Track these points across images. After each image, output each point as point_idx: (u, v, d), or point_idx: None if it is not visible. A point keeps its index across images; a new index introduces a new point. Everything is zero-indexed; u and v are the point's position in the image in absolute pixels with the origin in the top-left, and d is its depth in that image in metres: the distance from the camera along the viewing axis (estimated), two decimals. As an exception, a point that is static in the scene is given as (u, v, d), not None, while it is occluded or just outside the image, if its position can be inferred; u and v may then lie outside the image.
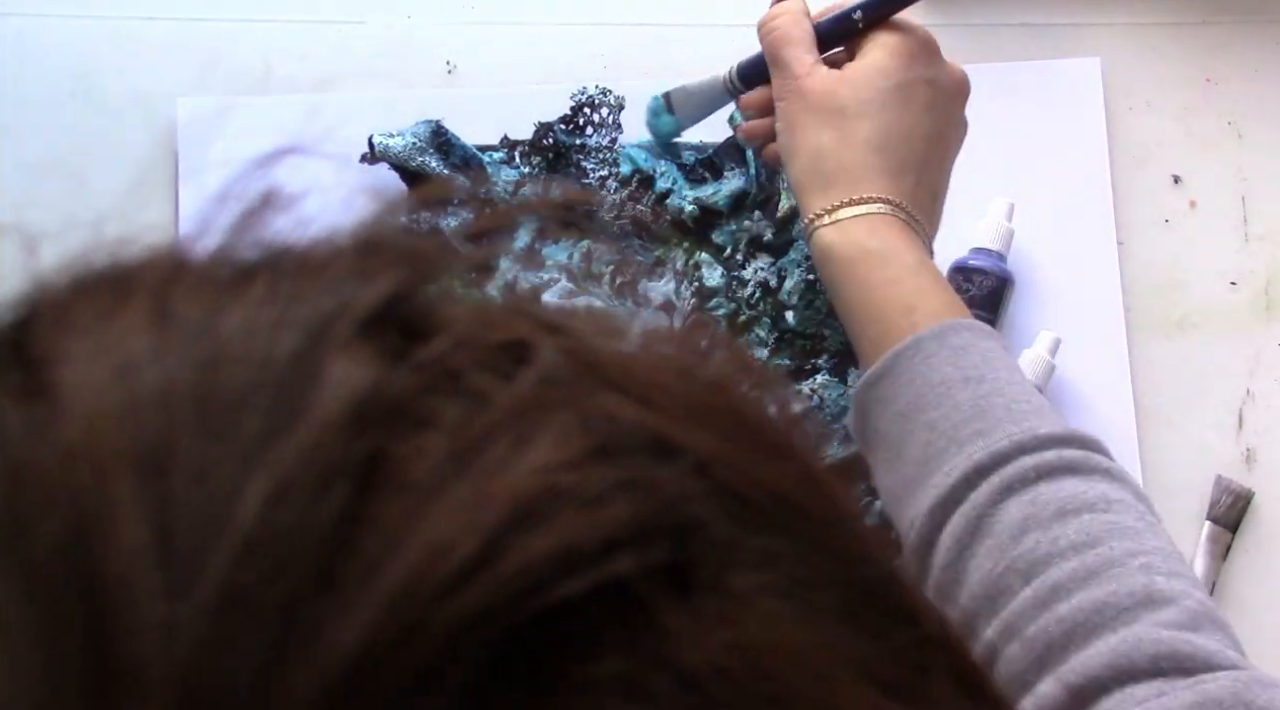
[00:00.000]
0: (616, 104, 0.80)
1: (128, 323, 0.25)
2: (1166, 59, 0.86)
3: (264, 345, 0.24)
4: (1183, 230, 0.84)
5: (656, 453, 0.25)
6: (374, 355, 0.24)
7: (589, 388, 0.25)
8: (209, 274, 0.26)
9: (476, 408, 0.24)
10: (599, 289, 0.80)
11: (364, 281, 0.26)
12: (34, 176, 0.83)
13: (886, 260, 0.62)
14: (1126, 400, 0.81)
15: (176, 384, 0.24)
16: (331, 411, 0.23)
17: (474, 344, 0.25)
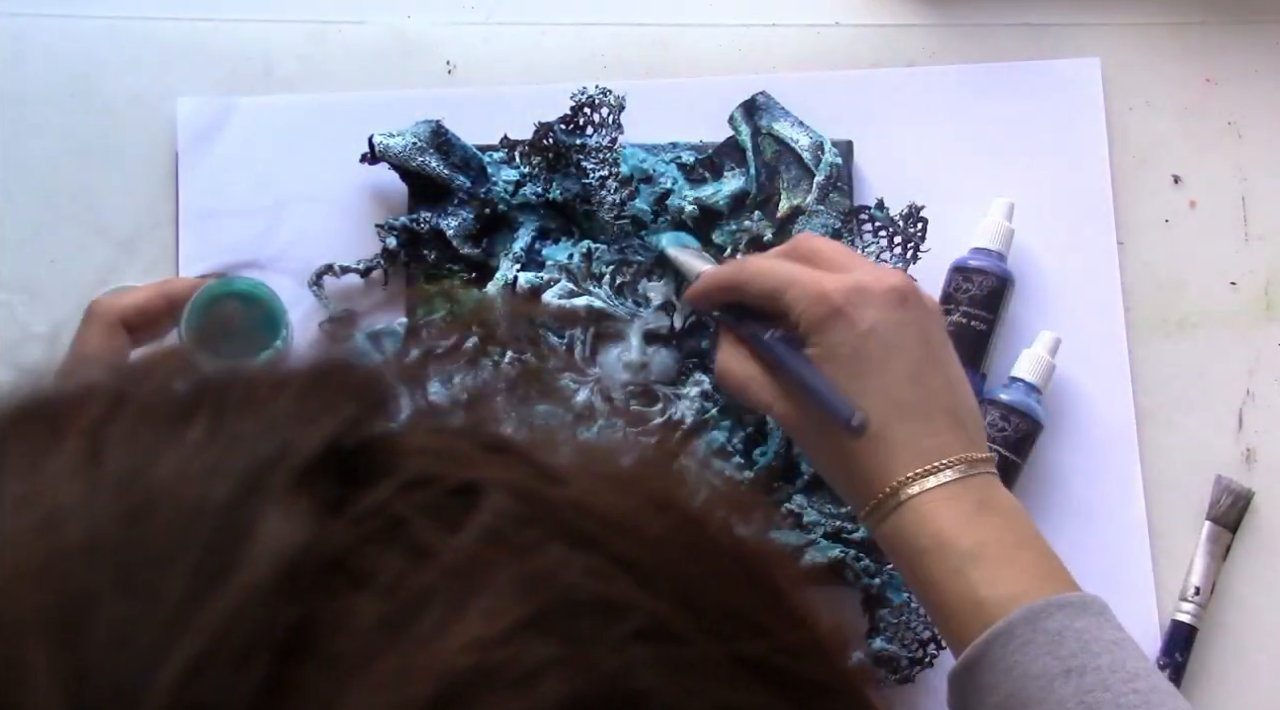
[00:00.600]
0: (616, 104, 0.80)
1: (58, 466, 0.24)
2: (1166, 59, 0.86)
3: (196, 495, 0.23)
4: (1183, 230, 0.84)
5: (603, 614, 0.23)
6: (311, 506, 0.23)
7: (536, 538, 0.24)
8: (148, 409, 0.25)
9: (415, 564, 0.23)
10: (599, 289, 0.80)
11: (306, 423, 0.25)
12: (34, 176, 0.83)
13: (942, 554, 0.58)
14: (1126, 400, 0.81)
15: (102, 537, 0.23)
16: (259, 574, 0.22)
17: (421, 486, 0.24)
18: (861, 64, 0.85)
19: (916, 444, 0.60)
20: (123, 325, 0.64)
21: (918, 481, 0.60)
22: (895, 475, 0.60)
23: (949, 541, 0.58)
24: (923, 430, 0.61)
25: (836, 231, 0.80)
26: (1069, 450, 0.80)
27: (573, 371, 0.79)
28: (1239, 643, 0.79)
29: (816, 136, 0.82)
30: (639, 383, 0.79)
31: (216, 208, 0.82)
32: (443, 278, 0.80)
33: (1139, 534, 0.79)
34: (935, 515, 0.59)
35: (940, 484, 0.59)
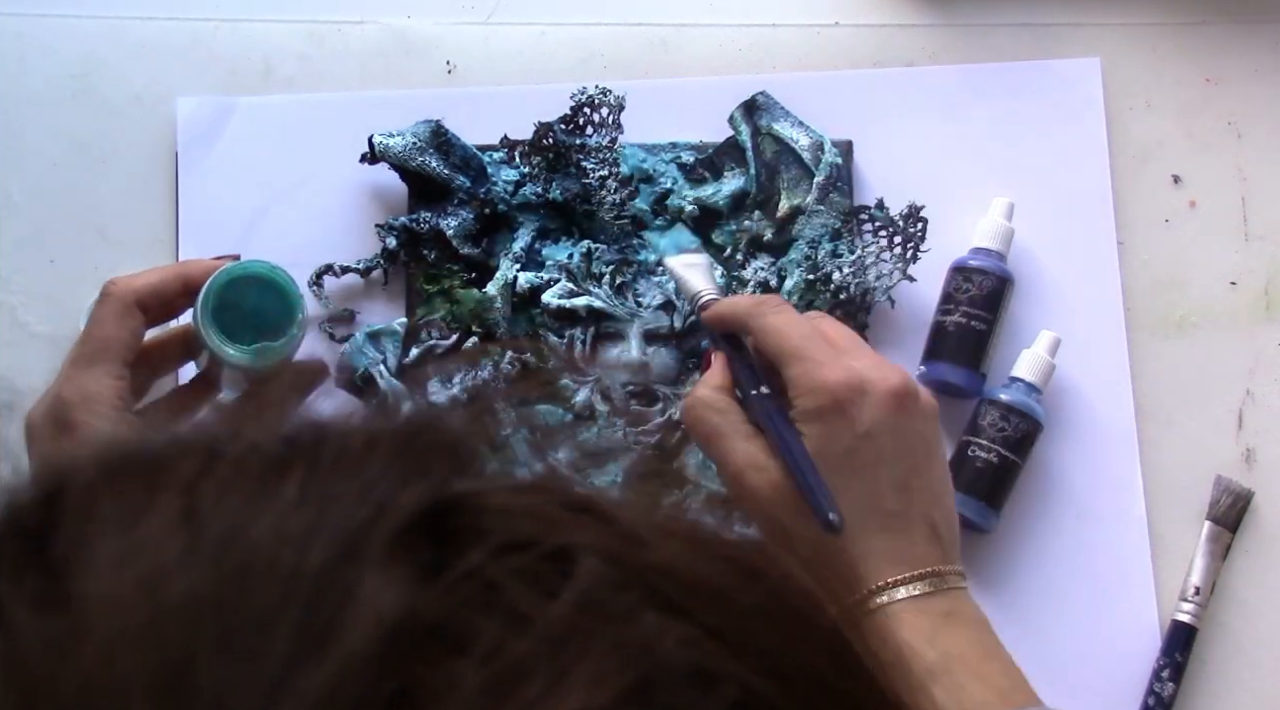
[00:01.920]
0: (616, 104, 0.80)
1: (155, 525, 0.24)
2: (1166, 59, 0.86)
3: (295, 556, 0.23)
4: (1183, 230, 0.84)
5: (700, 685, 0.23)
6: (409, 572, 0.23)
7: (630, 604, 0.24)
8: (242, 467, 0.25)
9: (514, 631, 0.23)
10: (599, 289, 0.80)
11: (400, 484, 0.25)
12: (34, 176, 0.83)
13: (905, 669, 0.57)
14: (1126, 400, 0.81)
15: (202, 597, 0.23)
16: (361, 641, 0.22)
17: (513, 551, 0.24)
18: (861, 64, 0.85)
19: (891, 553, 0.59)
20: (138, 306, 0.64)
21: (887, 591, 0.58)
22: (866, 583, 0.59)
23: (911, 656, 0.57)
24: (900, 540, 0.59)
25: (836, 231, 0.80)
26: (1069, 450, 0.80)
27: (573, 371, 0.79)
28: (1239, 643, 0.79)
29: (816, 136, 0.82)
30: (639, 383, 0.79)
31: (216, 208, 0.82)
32: (443, 278, 0.80)
33: (1139, 534, 0.79)
34: (900, 627, 0.58)
35: (909, 596, 0.58)
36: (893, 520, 0.59)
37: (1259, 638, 0.80)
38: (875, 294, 0.80)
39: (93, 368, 0.62)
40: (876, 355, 0.63)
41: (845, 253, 0.80)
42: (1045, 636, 0.78)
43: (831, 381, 0.60)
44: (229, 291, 0.65)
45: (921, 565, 0.59)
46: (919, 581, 0.58)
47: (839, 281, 0.79)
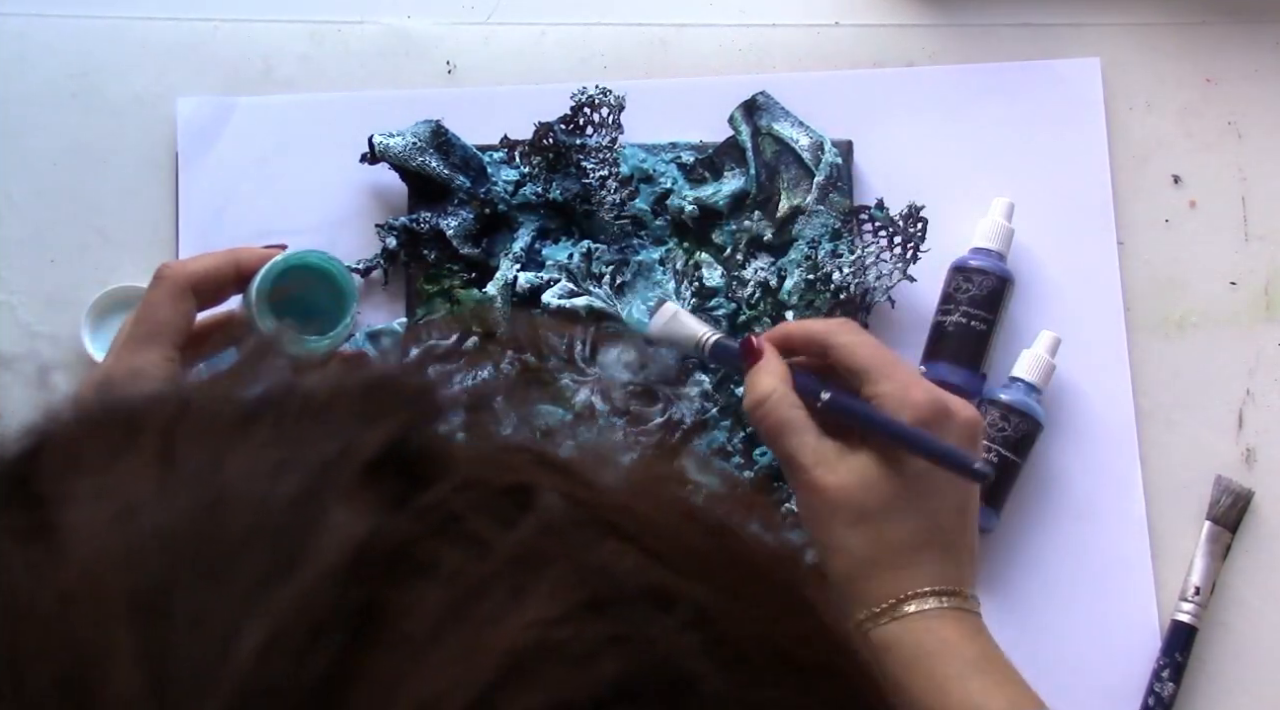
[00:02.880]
0: (616, 104, 0.80)
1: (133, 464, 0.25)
2: (1166, 59, 0.86)
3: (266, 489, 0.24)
4: (1183, 230, 0.84)
5: (653, 604, 0.25)
6: (375, 501, 0.24)
7: (588, 536, 0.25)
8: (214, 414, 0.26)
9: (476, 555, 0.24)
10: (599, 289, 0.80)
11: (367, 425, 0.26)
12: (34, 176, 0.83)
13: (947, 658, 0.60)
14: (1126, 400, 0.81)
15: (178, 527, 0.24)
16: (329, 560, 0.23)
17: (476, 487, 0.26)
18: (861, 64, 0.85)
19: (940, 569, 0.62)
20: (191, 290, 0.65)
21: (932, 597, 0.61)
22: (911, 587, 0.61)
23: (955, 648, 0.60)
24: (948, 563, 0.62)
25: (836, 231, 0.80)
26: (1069, 450, 0.80)
27: (573, 371, 0.79)
28: (1239, 643, 0.79)
29: (816, 136, 0.82)
30: (639, 383, 0.79)
31: (216, 207, 0.82)
32: (443, 278, 0.80)
33: (1139, 534, 0.79)
34: (943, 626, 0.61)
35: (951, 607, 0.62)
36: (946, 540, 0.62)
37: (1259, 638, 0.80)
38: (875, 294, 0.80)
39: (146, 349, 0.63)
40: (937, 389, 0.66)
41: (845, 253, 0.80)
42: (1045, 636, 0.78)
43: (920, 401, 0.62)
44: (282, 280, 0.65)
45: (960, 585, 0.62)
46: (954, 596, 0.62)
47: (839, 281, 0.79)
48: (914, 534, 0.62)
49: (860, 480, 0.62)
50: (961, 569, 0.63)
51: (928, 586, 0.61)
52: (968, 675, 0.60)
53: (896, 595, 0.61)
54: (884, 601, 0.62)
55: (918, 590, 0.61)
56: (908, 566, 0.62)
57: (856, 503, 0.62)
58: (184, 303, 0.64)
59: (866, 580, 0.62)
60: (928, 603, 0.61)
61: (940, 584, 0.62)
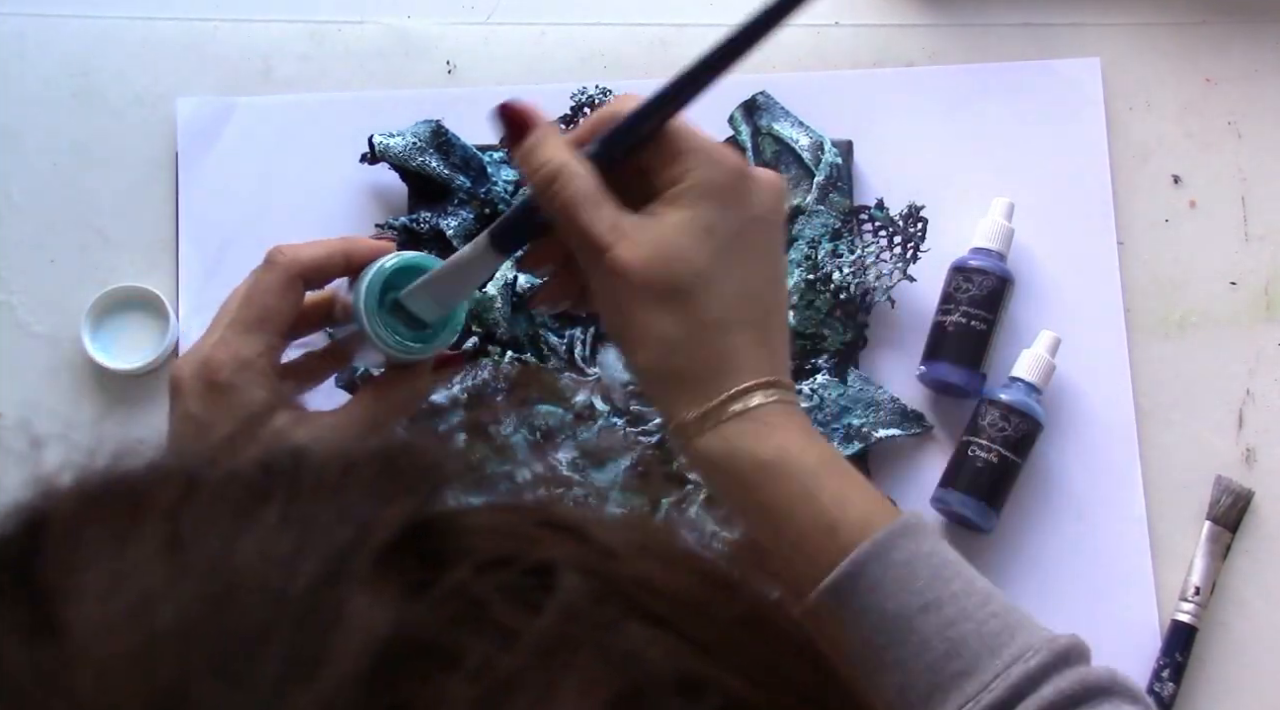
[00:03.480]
0: (616, 104, 0.80)
1: (141, 552, 0.24)
2: (1166, 59, 0.86)
3: (281, 578, 0.23)
4: (1183, 230, 0.84)
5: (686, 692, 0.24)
6: (394, 588, 0.23)
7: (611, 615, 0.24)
8: (221, 493, 0.25)
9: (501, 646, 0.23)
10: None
11: (381, 504, 0.25)
12: (34, 176, 0.83)
13: (788, 472, 0.53)
14: (1126, 400, 0.81)
15: (192, 622, 0.23)
16: (351, 660, 0.22)
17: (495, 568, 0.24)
18: (861, 64, 0.85)
19: (760, 353, 0.55)
20: (301, 278, 0.63)
21: (760, 392, 0.54)
22: (736, 379, 0.54)
23: (794, 457, 0.53)
24: (767, 341, 0.55)
25: (836, 231, 0.80)
26: (1069, 450, 0.80)
27: (573, 371, 0.79)
28: (1239, 643, 0.79)
29: (816, 136, 0.82)
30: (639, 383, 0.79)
31: (216, 208, 0.82)
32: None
33: (1139, 534, 0.79)
34: (776, 429, 0.54)
35: (779, 399, 0.54)
36: (764, 315, 0.55)
37: (1259, 638, 0.80)
38: (875, 294, 0.80)
39: (251, 334, 0.61)
40: None
41: (845, 253, 0.80)
42: (1045, 636, 0.78)
43: (724, 158, 0.55)
44: (395, 280, 0.64)
45: (780, 373, 0.55)
46: (778, 389, 0.55)
47: (839, 281, 0.79)
48: (730, 307, 0.54)
49: (667, 250, 0.53)
50: (780, 353, 0.56)
51: (751, 379, 0.54)
52: (813, 488, 0.53)
53: (718, 393, 0.54)
54: (704, 403, 0.54)
55: (741, 385, 0.54)
56: (725, 350, 0.54)
57: (664, 276, 0.53)
58: (293, 291, 0.62)
59: (679, 375, 0.54)
60: (754, 399, 0.53)
61: (764, 374, 0.54)
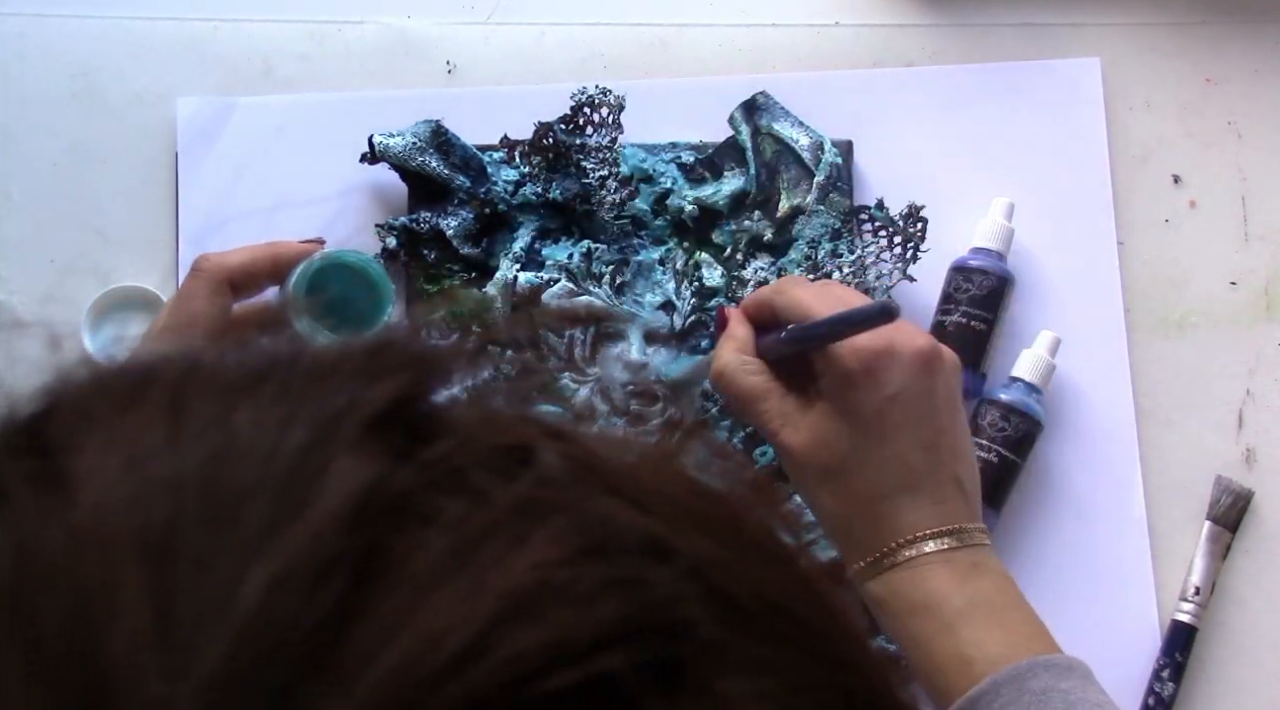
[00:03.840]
0: (616, 104, 0.80)
1: (143, 416, 0.26)
2: (1166, 59, 0.86)
3: (272, 440, 0.25)
4: (1183, 230, 0.84)
5: (650, 554, 0.25)
6: (379, 453, 0.25)
7: (587, 491, 0.26)
8: (223, 374, 0.27)
9: (477, 505, 0.25)
10: (599, 289, 0.80)
11: (371, 383, 0.27)
12: (34, 176, 0.83)
13: (935, 611, 0.59)
14: (1126, 400, 0.81)
15: (185, 475, 0.24)
16: (333, 505, 0.24)
17: (478, 445, 0.26)
18: (861, 64, 0.85)
19: (921, 510, 0.61)
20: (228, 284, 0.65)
21: (917, 544, 0.60)
22: (897, 536, 0.61)
23: (942, 599, 0.59)
24: (929, 497, 0.61)
25: (836, 231, 0.80)
26: (1069, 450, 0.80)
27: (573, 371, 0.79)
28: (1239, 643, 0.79)
29: (816, 136, 0.82)
30: (639, 383, 0.79)
31: (216, 208, 0.82)
32: (443, 278, 0.80)
33: (1139, 534, 0.79)
34: (931, 575, 0.60)
35: (937, 550, 0.60)
36: (922, 479, 0.61)
37: (1259, 638, 0.80)
38: (875, 294, 0.80)
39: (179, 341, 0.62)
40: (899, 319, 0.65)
41: (845, 253, 0.80)
42: (1045, 636, 0.78)
43: (860, 346, 0.61)
44: (319, 278, 0.64)
45: (950, 522, 0.61)
46: (948, 536, 0.60)
47: (839, 281, 0.79)
48: (879, 483, 0.61)
49: (817, 437, 0.62)
50: (947, 504, 0.61)
51: (907, 534, 0.60)
52: (957, 626, 0.58)
53: (878, 549, 0.60)
54: (867, 556, 0.60)
55: (898, 540, 0.60)
56: (883, 517, 0.61)
57: (819, 461, 0.62)
58: (220, 296, 0.64)
59: (847, 536, 0.62)
60: (910, 551, 0.60)
61: (924, 527, 0.60)
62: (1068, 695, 0.56)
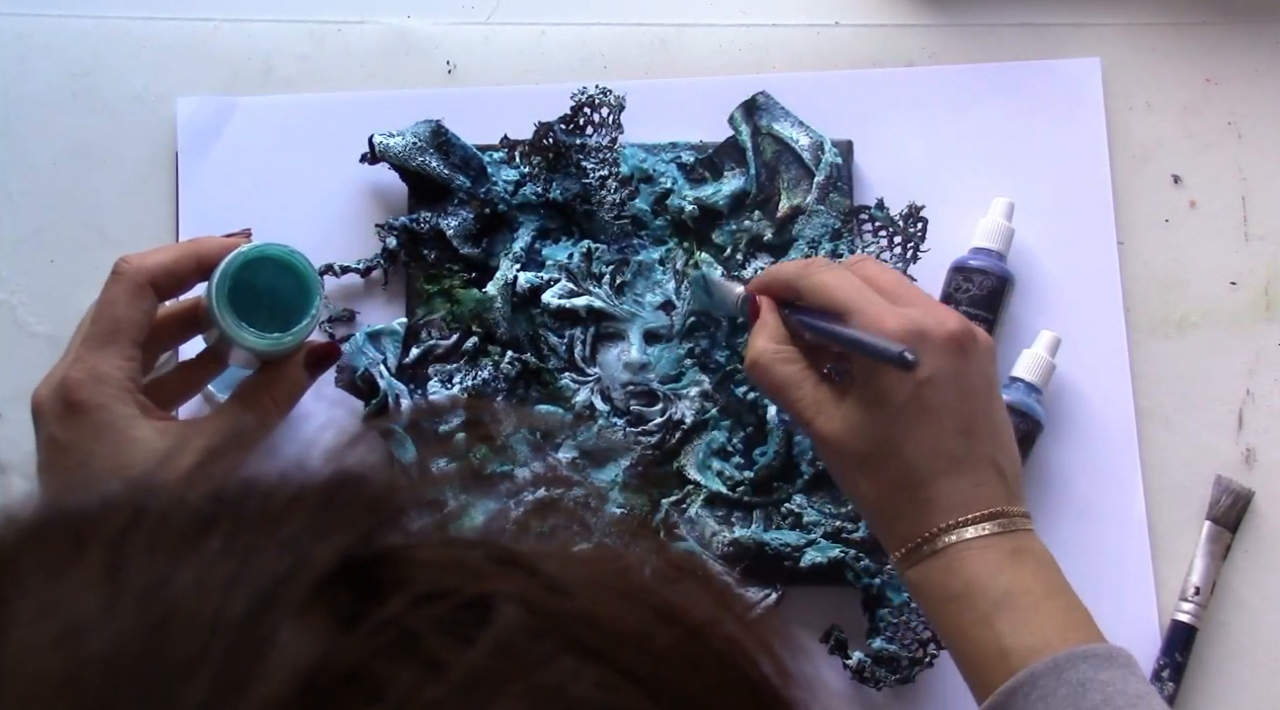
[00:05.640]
0: (616, 104, 0.80)
1: (78, 579, 0.24)
2: (1166, 59, 0.86)
3: (215, 607, 0.24)
4: (1183, 230, 0.84)
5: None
6: (327, 620, 0.24)
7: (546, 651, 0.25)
8: (167, 522, 0.25)
9: (428, 678, 0.23)
10: (599, 289, 0.80)
11: (322, 536, 0.25)
12: (34, 176, 0.83)
13: (971, 601, 0.58)
14: (1126, 400, 0.81)
15: (123, 648, 0.23)
16: (276, 687, 0.22)
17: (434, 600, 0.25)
18: (861, 64, 0.85)
19: (959, 494, 0.60)
20: (150, 285, 0.63)
21: (955, 530, 0.59)
22: (934, 522, 0.60)
23: (979, 589, 0.58)
24: (967, 481, 0.60)
25: (836, 231, 0.80)
26: (1069, 450, 0.80)
27: (573, 371, 0.79)
28: (1239, 643, 0.79)
29: (816, 136, 0.82)
30: (639, 383, 0.79)
31: (216, 208, 0.82)
32: (443, 278, 0.80)
33: (1139, 534, 0.79)
34: (968, 563, 0.59)
35: (978, 535, 0.59)
36: (959, 463, 0.60)
37: (1259, 638, 0.80)
38: (875, 294, 0.80)
39: (105, 348, 0.61)
40: (930, 298, 0.64)
41: (845, 253, 0.80)
42: (1045, 636, 0.78)
43: (889, 331, 0.60)
44: (244, 272, 0.63)
45: (988, 505, 0.60)
46: (987, 521, 0.59)
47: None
48: (914, 470, 0.60)
49: (851, 425, 0.61)
50: (985, 488, 0.60)
51: (945, 521, 0.59)
52: (994, 617, 0.58)
53: (917, 536, 0.60)
54: (906, 543, 0.60)
55: (936, 527, 0.59)
56: (921, 504, 0.60)
57: (854, 449, 0.61)
58: (143, 299, 0.62)
59: (886, 524, 0.61)
60: (949, 537, 0.59)
61: (963, 512, 0.59)
62: (1105, 687, 0.55)
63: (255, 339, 0.63)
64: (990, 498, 0.60)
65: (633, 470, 0.78)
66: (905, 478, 0.60)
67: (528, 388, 0.79)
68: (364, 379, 0.78)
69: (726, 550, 0.77)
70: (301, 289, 0.65)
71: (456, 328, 0.79)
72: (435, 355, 0.79)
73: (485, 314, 0.79)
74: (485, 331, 0.79)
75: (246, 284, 0.63)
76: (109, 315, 0.62)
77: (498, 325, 0.79)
